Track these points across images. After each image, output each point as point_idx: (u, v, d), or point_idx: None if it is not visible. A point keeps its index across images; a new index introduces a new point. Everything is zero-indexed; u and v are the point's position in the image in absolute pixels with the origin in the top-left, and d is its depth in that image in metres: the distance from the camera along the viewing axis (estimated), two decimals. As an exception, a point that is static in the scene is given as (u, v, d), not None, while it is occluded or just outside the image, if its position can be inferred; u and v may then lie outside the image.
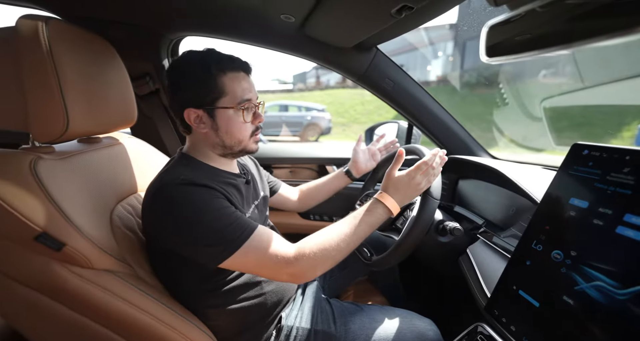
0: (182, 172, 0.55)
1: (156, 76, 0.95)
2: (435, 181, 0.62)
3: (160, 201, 0.52)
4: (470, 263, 0.66)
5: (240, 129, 0.59)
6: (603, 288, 0.38)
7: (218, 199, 0.53)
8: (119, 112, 0.63)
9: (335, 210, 1.20)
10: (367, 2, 0.55)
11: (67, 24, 0.51)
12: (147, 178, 0.67)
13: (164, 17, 0.83)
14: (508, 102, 6.25)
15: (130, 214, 0.61)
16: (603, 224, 0.40)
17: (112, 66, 0.61)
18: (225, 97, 0.56)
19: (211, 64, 0.55)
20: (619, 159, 0.41)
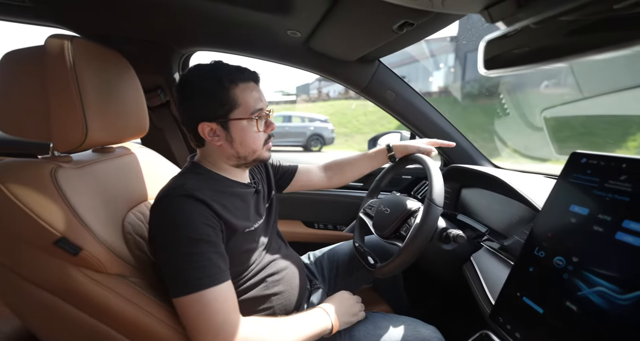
0: (189, 181, 0.57)
1: (167, 89, 0.99)
2: (437, 188, 0.63)
3: (158, 209, 0.54)
4: (474, 271, 0.66)
5: (254, 139, 0.60)
6: (605, 294, 0.39)
7: (208, 227, 0.53)
8: (132, 123, 0.66)
9: (338, 219, 1.21)
10: (370, 19, 0.58)
11: (88, 42, 0.55)
12: (157, 186, 0.70)
13: (177, 34, 0.88)
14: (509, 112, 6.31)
15: (141, 221, 0.63)
16: (603, 231, 0.41)
17: (127, 80, 0.64)
18: (239, 108, 0.58)
19: (222, 76, 0.56)
20: (616, 167, 0.43)
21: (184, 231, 0.51)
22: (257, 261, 0.64)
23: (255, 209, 0.67)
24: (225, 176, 0.63)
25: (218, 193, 0.59)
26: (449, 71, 12.88)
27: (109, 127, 0.58)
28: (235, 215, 0.59)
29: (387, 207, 0.76)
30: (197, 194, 0.54)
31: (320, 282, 0.82)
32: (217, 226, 0.55)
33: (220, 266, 0.52)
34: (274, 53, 0.91)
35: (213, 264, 0.51)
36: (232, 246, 0.58)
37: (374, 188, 0.91)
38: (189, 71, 0.60)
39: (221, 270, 0.52)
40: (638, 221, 0.38)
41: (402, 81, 0.92)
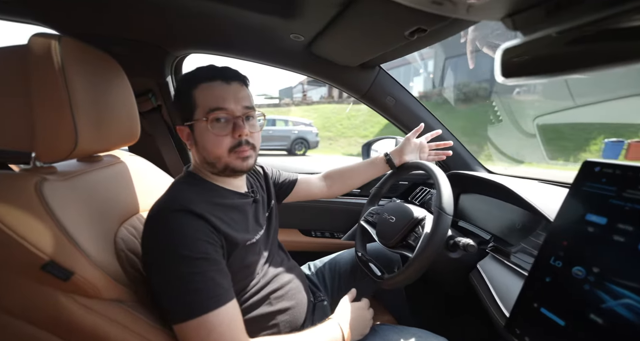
0: (184, 193, 0.53)
1: (159, 93, 0.93)
2: (446, 196, 0.62)
3: (152, 226, 0.50)
4: (482, 279, 0.65)
5: (214, 143, 0.55)
6: (634, 307, 0.38)
7: (207, 243, 0.49)
8: (124, 129, 0.61)
9: (336, 226, 1.19)
10: (381, 24, 0.57)
11: (77, 42, 0.50)
12: (149, 197, 0.64)
13: (170, 35, 0.84)
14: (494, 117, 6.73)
15: (133, 236, 0.57)
16: (624, 241, 0.41)
17: (118, 83, 0.59)
18: (197, 109, 0.55)
19: (188, 77, 0.55)
20: (634, 177, 0.43)
21: (182, 249, 0.47)
22: (259, 276, 0.61)
23: (254, 219, 0.63)
24: (221, 185, 0.60)
25: (215, 205, 0.55)
26: (429, 77, 13.33)
27: (100, 135, 0.53)
28: (234, 228, 0.55)
29: (392, 215, 0.74)
30: (193, 208, 0.50)
31: (324, 294, 0.78)
32: (216, 242, 0.51)
33: (223, 285, 0.49)
34: (273, 56, 0.88)
35: (216, 283, 0.47)
36: (233, 261, 0.54)
37: (374, 195, 0.89)
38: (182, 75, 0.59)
39: (225, 289, 0.48)
40: (662, 232, 0.38)
41: (401, 87, 0.91)
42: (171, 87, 0.95)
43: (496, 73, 0.47)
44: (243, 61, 0.88)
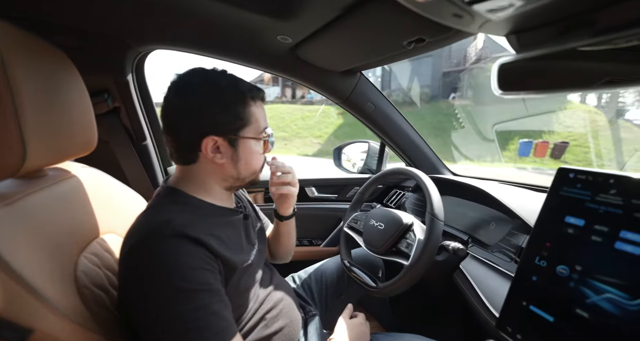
0: (174, 214, 0.45)
1: (117, 93, 0.78)
2: (436, 202, 0.64)
3: (138, 256, 0.42)
4: (467, 280, 0.69)
5: (258, 160, 0.56)
6: (615, 301, 0.42)
7: (208, 272, 0.44)
8: (79, 136, 0.49)
9: (314, 233, 1.16)
10: (381, 33, 0.55)
11: (19, 30, 0.38)
12: (111, 216, 0.54)
13: (135, 27, 0.71)
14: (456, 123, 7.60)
15: (97, 266, 0.47)
16: (602, 240, 0.46)
17: (70, 82, 0.47)
18: (250, 126, 0.52)
19: (245, 90, 0.51)
20: (605, 182, 0.48)
21: (180, 282, 0.40)
22: (254, 298, 0.56)
23: (246, 237, 0.58)
24: (211, 202, 0.53)
25: (210, 224, 0.49)
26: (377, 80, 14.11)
27: (53, 145, 0.42)
28: (231, 249, 0.50)
29: (380, 222, 0.73)
30: (189, 232, 0.43)
31: (313, 307, 0.75)
32: (215, 268, 0.45)
33: (227, 317, 0.44)
34: (254, 57, 0.81)
35: (220, 317, 0.42)
36: (231, 286, 0.49)
37: (357, 201, 0.88)
38: (194, 73, 0.50)
39: (229, 322, 0.43)
40: (634, 232, 0.43)
41: (380, 94, 0.92)
42: (132, 87, 0.80)
43: (493, 86, 0.49)
44: (213, 59, 0.79)
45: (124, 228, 0.47)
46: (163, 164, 0.96)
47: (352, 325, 0.62)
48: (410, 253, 0.63)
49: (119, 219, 0.57)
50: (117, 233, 0.56)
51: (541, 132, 7.77)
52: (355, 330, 0.61)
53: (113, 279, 0.49)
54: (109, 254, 0.52)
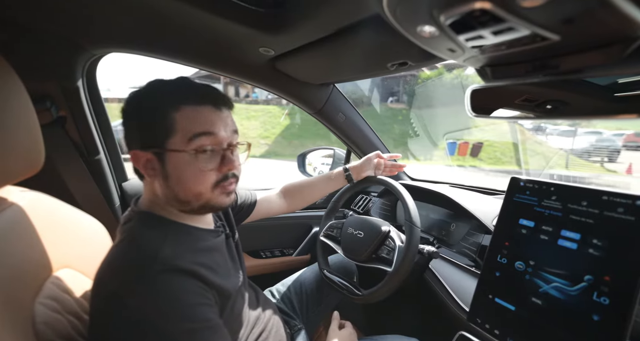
0: (157, 244, 0.39)
1: (63, 100, 0.63)
2: (412, 209, 0.69)
3: (128, 300, 0.36)
4: (437, 278, 0.76)
5: (196, 178, 0.44)
6: (561, 288, 0.52)
7: (206, 306, 0.40)
8: (21, 156, 0.38)
9: (285, 243, 1.13)
10: (367, 55, 0.56)
11: None
12: (63, 248, 0.45)
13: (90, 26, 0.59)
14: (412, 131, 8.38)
15: (57, 312, 0.38)
16: (548, 239, 0.56)
17: (9, 88, 0.36)
18: (175, 136, 0.43)
19: (166, 95, 0.44)
20: (547, 190, 0.58)
21: (180, 322, 0.35)
22: (245, 323, 0.52)
23: (231, 259, 0.54)
24: (191, 224, 0.47)
25: (197, 251, 0.44)
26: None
27: None
28: (222, 275, 0.46)
29: (358, 230, 0.76)
30: (181, 264, 0.38)
31: (298, 321, 0.74)
32: (211, 300, 0.41)
33: None
34: (229, 66, 0.74)
35: None
36: (226, 315, 0.45)
37: (331, 209, 0.89)
38: (148, 84, 0.45)
39: None
40: (571, 230, 0.53)
41: (351, 105, 0.95)
42: (82, 94, 0.66)
43: (466, 109, 0.55)
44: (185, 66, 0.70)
45: (80, 259, 0.39)
46: (117, 180, 0.82)
47: (342, 336, 0.63)
48: (392, 259, 0.67)
49: (73, 250, 0.47)
50: (73, 267, 0.46)
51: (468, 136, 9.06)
52: (350, 338, 0.63)
53: (78, 325, 0.40)
54: (68, 295, 0.42)
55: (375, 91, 13.59)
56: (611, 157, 8.17)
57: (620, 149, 8.52)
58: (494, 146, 8.79)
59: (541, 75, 0.43)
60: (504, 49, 0.37)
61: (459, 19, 0.31)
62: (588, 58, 0.36)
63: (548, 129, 11.60)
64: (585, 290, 0.49)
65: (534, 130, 11.39)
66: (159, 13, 0.53)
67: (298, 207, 0.85)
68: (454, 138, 8.00)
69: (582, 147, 8.52)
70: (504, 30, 0.32)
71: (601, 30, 0.31)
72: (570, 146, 8.76)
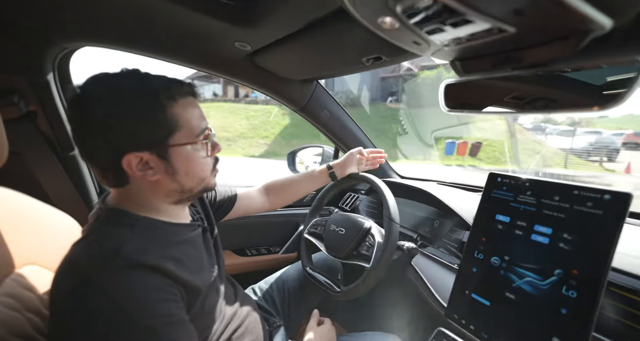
0: (121, 240, 0.39)
1: (32, 95, 0.63)
2: (392, 206, 0.69)
3: (86, 297, 0.35)
4: (418, 275, 0.76)
5: (203, 166, 0.48)
6: (532, 283, 0.52)
7: (169, 302, 0.40)
8: None
9: (271, 240, 1.13)
10: (342, 49, 0.56)
11: None
12: (30, 245, 0.44)
13: (59, 18, 0.58)
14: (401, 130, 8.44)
15: (15, 310, 0.38)
16: (522, 234, 0.56)
17: None
18: (181, 131, 0.44)
19: (158, 90, 0.42)
20: (522, 185, 0.58)
21: (141, 319, 0.35)
22: (219, 319, 0.52)
23: (207, 253, 0.54)
24: (164, 220, 0.47)
25: (168, 245, 0.44)
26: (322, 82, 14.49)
27: None
28: (192, 270, 0.45)
29: (340, 227, 0.76)
30: (145, 260, 0.38)
31: (278, 318, 0.74)
32: (177, 295, 0.41)
33: None
34: (207, 62, 0.74)
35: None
36: (195, 311, 0.45)
37: (316, 206, 0.89)
38: (95, 80, 0.41)
39: None
40: (544, 225, 0.53)
41: (336, 102, 0.95)
42: (54, 88, 0.65)
43: (440, 104, 0.55)
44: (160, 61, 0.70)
45: (49, 256, 0.39)
46: (96, 177, 0.82)
47: (321, 332, 0.63)
48: (371, 256, 0.67)
49: (42, 247, 0.47)
50: (40, 264, 0.46)
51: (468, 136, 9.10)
52: (325, 337, 0.63)
53: (38, 323, 0.40)
54: (30, 292, 0.42)
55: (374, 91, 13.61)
56: (610, 157, 8.18)
57: (619, 149, 8.53)
58: (492, 146, 8.78)
59: (509, 68, 0.43)
60: (466, 42, 0.37)
61: (415, 11, 0.32)
62: (547, 51, 0.36)
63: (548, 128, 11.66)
64: (555, 284, 0.49)
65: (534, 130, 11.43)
66: (130, 6, 0.53)
67: (281, 205, 0.84)
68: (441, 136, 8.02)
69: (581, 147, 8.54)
70: (461, 23, 0.32)
71: (552, 22, 0.31)
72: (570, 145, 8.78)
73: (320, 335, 0.62)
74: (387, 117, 12.49)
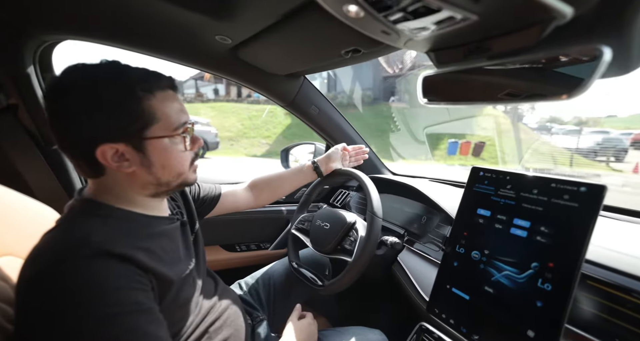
0: (92, 229, 0.40)
1: (13, 87, 0.64)
2: (375, 200, 0.69)
3: (49, 284, 0.35)
4: (404, 270, 0.76)
5: (180, 159, 0.48)
6: (510, 276, 0.52)
7: (137, 291, 0.40)
8: None
9: (261, 236, 1.13)
10: (320, 42, 0.57)
11: None
12: (6, 236, 0.45)
13: (37, 10, 0.59)
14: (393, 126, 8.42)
15: None
16: (502, 227, 0.55)
17: None
18: (157, 123, 0.44)
19: (134, 82, 0.42)
20: (503, 179, 0.58)
21: (104, 307, 0.35)
22: (195, 311, 0.52)
23: (184, 246, 0.54)
24: (140, 212, 0.47)
25: (139, 236, 0.44)
26: (323, 82, 14.46)
27: None
28: (165, 261, 0.45)
29: (325, 222, 0.76)
30: (113, 248, 0.38)
31: (261, 312, 0.74)
32: (147, 285, 0.41)
33: (161, 336, 0.40)
34: (191, 57, 0.74)
35: (152, 337, 0.38)
36: (168, 302, 0.45)
37: (304, 202, 0.89)
38: (71, 71, 0.41)
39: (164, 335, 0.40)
40: (522, 219, 0.53)
41: (324, 98, 0.95)
42: (35, 81, 0.67)
43: (418, 95, 0.55)
44: (145, 56, 0.71)
45: (27, 247, 0.40)
46: None
47: (300, 326, 0.63)
48: (354, 250, 0.67)
49: (20, 238, 0.48)
50: (16, 254, 0.47)
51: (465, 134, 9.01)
52: (305, 331, 0.63)
53: (9, 312, 0.41)
54: (5, 282, 0.43)
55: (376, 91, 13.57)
56: (618, 157, 8.03)
57: (627, 149, 8.38)
58: (496, 145, 8.70)
59: (482, 58, 0.43)
60: (434, 31, 0.37)
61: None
62: (512, 39, 0.36)
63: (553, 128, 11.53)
64: (531, 277, 0.49)
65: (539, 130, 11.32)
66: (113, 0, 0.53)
67: (267, 201, 0.84)
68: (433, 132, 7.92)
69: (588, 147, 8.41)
70: (422, 11, 0.32)
71: (512, 10, 0.31)
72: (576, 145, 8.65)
73: (300, 328, 0.62)
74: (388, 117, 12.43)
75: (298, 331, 0.61)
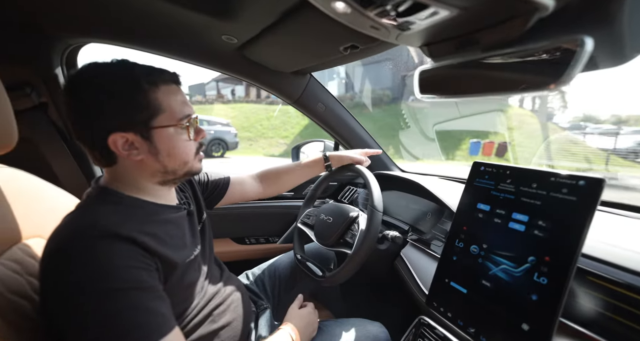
0: (103, 214, 0.44)
1: (43, 87, 0.72)
2: (377, 196, 0.70)
3: (60, 261, 0.40)
4: (406, 265, 0.76)
5: (185, 148, 0.52)
6: (507, 270, 0.51)
7: (141, 270, 0.43)
8: None
9: (270, 230, 1.17)
10: (318, 38, 0.59)
11: None
12: (36, 219, 0.51)
13: (65, 16, 0.66)
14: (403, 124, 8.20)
15: (17, 272, 0.44)
16: (500, 222, 0.55)
17: None
18: (163, 114, 0.49)
19: (140, 76, 0.47)
20: (503, 174, 0.57)
21: (111, 283, 0.39)
22: (200, 295, 0.56)
23: (191, 234, 0.58)
24: (149, 200, 0.52)
25: (146, 222, 0.48)
26: (341, 82, 14.44)
27: None
28: (171, 246, 0.49)
29: (328, 216, 0.78)
30: (119, 231, 0.42)
31: (265, 301, 0.77)
32: (151, 265, 0.44)
33: (163, 313, 0.43)
34: (200, 56, 0.80)
35: (155, 313, 0.42)
36: (172, 283, 0.49)
37: (310, 197, 0.92)
38: (85, 69, 0.47)
39: (166, 318, 0.43)
40: (521, 213, 0.52)
41: (331, 95, 0.97)
42: (62, 81, 0.74)
43: (415, 90, 0.56)
44: (160, 56, 0.77)
45: (51, 230, 0.45)
46: None
47: (300, 314, 0.65)
48: (354, 243, 0.68)
49: (47, 222, 0.53)
50: (44, 237, 0.53)
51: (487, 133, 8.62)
52: (305, 319, 0.65)
53: (37, 286, 0.45)
54: (33, 260, 0.48)
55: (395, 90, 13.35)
56: (663, 158, 7.39)
57: (674, 148, 7.67)
58: (522, 146, 8.29)
59: (474, 51, 0.43)
60: (420, 25, 0.38)
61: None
62: (497, 31, 0.36)
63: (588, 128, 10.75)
64: (528, 271, 0.48)
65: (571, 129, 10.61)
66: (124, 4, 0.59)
67: (275, 192, 0.87)
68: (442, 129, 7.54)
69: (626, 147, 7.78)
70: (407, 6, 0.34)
71: (492, 2, 0.31)
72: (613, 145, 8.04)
73: (300, 316, 0.65)
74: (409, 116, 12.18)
75: (298, 319, 0.63)
